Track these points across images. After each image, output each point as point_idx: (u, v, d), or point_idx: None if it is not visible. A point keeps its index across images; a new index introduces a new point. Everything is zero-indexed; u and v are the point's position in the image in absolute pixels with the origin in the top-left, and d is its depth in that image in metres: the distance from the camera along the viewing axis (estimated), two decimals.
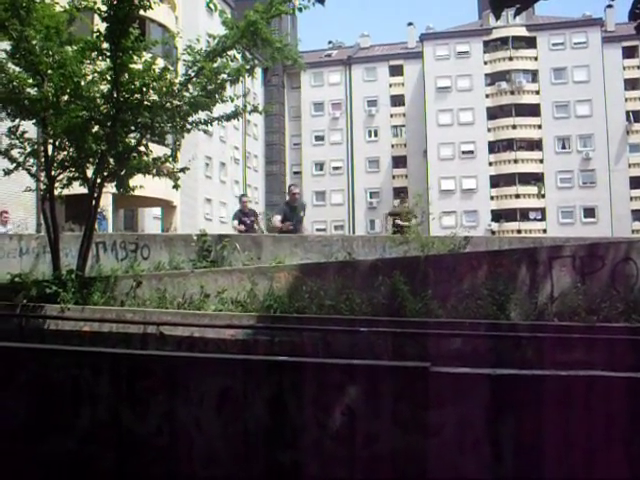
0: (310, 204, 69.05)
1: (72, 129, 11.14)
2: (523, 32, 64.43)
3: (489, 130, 64.81)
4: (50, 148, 11.91)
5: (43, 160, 12.10)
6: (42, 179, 12.47)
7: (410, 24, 71.68)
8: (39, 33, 11.02)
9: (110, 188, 12.97)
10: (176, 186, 12.48)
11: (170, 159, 12.49)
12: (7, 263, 13.86)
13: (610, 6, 61.13)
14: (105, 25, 11.06)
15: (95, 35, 11.21)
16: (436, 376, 4.18)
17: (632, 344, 8.24)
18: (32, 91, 11.55)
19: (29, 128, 12.38)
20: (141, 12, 11.37)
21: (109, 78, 11.37)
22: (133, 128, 11.74)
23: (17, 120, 11.89)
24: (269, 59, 12.71)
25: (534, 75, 64.76)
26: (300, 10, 11.75)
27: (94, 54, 11.42)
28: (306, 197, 68.80)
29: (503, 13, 5.03)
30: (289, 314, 9.53)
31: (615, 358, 7.59)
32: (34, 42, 11.13)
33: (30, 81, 11.47)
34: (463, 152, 64.67)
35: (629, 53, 63.03)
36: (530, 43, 64.77)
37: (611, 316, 9.65)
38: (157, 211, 40.61)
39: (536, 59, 64.65)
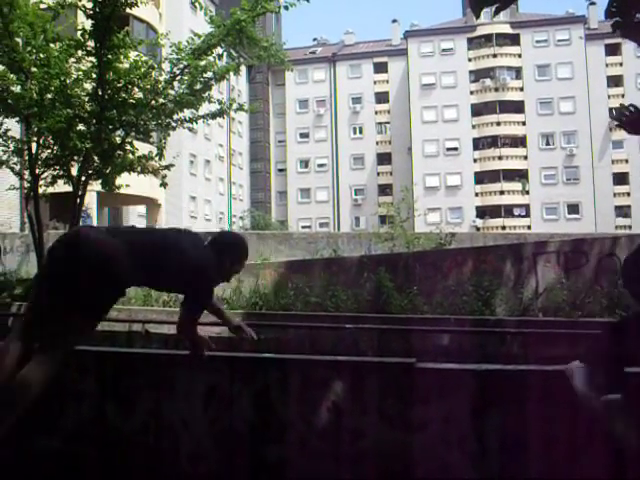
0: (295, 202, 69.17)
1: (57, 127, 11.08)
2: (507, 29, 64.68)
3: (473, 127, 65.03)
4: (34, 146, 11.85)
5: (27, 158, 12.04)
6: (26, 177, 12.40)
7: (394, 21, 71.97)
8: (23, 30, 10.95)
9: (95, 186, 12.92)
10: (163, 184, 12.46)
11: (156, 157, 12.47)
12: None
13: (593, 3, 61.32)
14: (90, 23, 11.01)
15: (80, 33, 11.16)
16: (422, 372, 4.19)
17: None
18: (16, 89, 11.47)
19: (13, 126, 12.30)
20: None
21: (94, 76, 11.32)
22: (118, 126, 11.70)
23: (0, 118, 11.81)
24: (255, 58, 12.72)
25: (518, 72, 65.03)
26: (286, 8, 11.75)
27: (79, 52, 11.37)
28: (291, 194, 68.91)
29: (487, 10, 5.05)
30: (275, 311, 9.53)
31: None
32: (17, 39, 11.06)
33: (14, 78, 11.40)
34: (447, 149, 64.86)
35: (612, 50, 63.35)
36: (514, 40, 65.02)
37: (595, 311, 9.71)
38: (142, 209, 40.49)
39: (520, 56, 64.91)
